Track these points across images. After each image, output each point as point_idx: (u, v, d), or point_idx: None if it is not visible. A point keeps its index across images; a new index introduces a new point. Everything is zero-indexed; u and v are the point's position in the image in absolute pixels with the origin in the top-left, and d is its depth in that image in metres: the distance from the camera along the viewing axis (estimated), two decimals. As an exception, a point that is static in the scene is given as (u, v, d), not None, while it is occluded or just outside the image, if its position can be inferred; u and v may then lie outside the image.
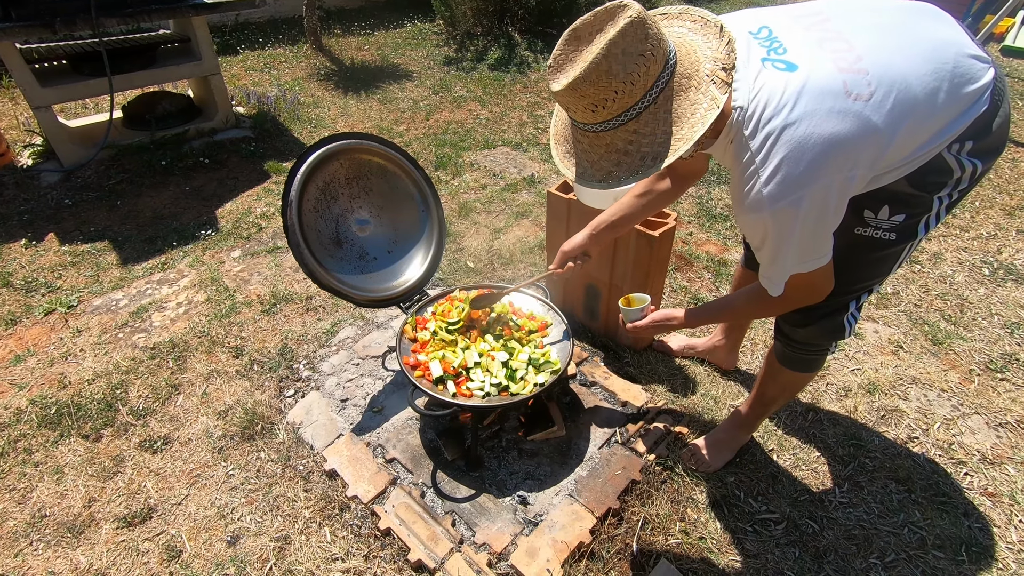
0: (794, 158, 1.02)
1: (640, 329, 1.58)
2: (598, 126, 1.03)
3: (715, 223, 3.11)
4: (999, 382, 2.14)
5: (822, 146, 1.01)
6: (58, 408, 2.03)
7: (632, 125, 1.01)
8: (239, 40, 6.03)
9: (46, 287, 2.64)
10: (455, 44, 6.04)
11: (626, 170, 1.05)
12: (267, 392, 2.11)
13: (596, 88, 0.96)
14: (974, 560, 1.59)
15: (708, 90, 0.99)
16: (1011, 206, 3.26)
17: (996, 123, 1.14)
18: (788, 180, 1.03)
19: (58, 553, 1.62)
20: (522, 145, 4.04)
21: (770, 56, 1.08)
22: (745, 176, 1.08)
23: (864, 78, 1.02)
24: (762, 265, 1.24)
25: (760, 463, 1.85)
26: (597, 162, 1.08)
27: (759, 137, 1.04)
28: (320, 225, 1.92)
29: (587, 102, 0.99)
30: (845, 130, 1.01)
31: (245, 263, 2.82)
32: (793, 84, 1.03)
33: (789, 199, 1.04)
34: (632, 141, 1.03)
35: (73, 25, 3.12)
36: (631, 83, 0.96)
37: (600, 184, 1.08)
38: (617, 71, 0.95)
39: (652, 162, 1.02)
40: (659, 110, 1.00)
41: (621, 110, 0.99)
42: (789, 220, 1.07)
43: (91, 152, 3.50)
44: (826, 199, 1.06)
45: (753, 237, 1.20)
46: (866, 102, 1.01)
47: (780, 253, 1.15)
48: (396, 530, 1.62)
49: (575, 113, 1.04)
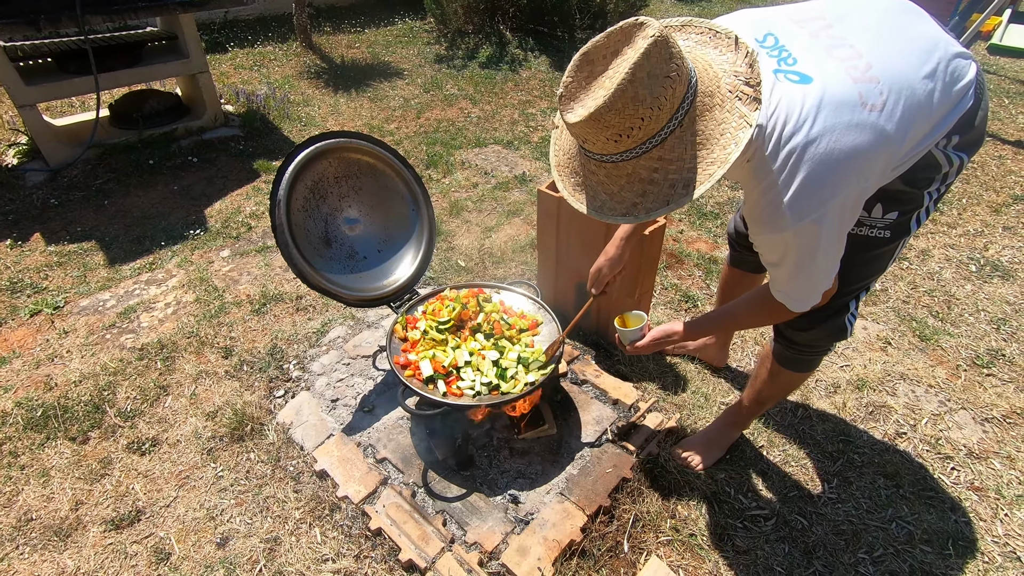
0: (817, 175, 1.00)
1: (641, 350, 1.55)
2: (619, 156, 0.96)
3: (706, 221, 3.12)
4: (985, 377, 2.17)
5: (844, 161, 0.99)
6: (44, 410, 2.00)
7: (656, 152, 0.95)
8: (228, 38, 5.98)
9: (32, 288, 2.61)
10: (446, 42, 6.01)
11: (654, 200, 0.98)
12: (257, 392, 2.10)
13: (621, 117, 0.90)
14: (960, 554, 1.61)
15: (734, 107, 0.95)
16: (997, 203, 3.29)
17: (979, 117, 1.16)
18: (812, 198, 1.01)
19: (44, 556, 1.61)
20: (513, 143, 4.04)
21: (781, 68, 1.05)
22: (768, 196, 1.05)
23: (876, 87, 1.01)
24: (777, 281, 1.22)
25: (750, 460, 1.86)
26: (617, 194, 1.02)
27: (781, 156, 1.01)
28: (309, 224, 1.91)
29: (610, 132, 0.92)
30: (864, 142, 0.99)
31: (234, 263, 2.80)
32: (811, 98, 1.00)
33: (812, 216, 1.02)
34: (658, 169, 0.97)
35: (58, 22, 3.08)
36: (658, 108, 0.90)
37: (624, 218, 1.02)
38: (644, 96, 0.88)
39: (684, 190, 0.96)
40: (685, 133, 0.95)
41: (646, 137, 0.93)
42: (813, 237, 1.06)
43: (77, 151, 3.46)
44: (843, 211, 1.05)
45: (771, 255, 1.17)
46: (880, 112, 1.00)
47: (804, 270, 1.13)
48: (387, 530, 1.62)
49: (593, 144, 0.97)
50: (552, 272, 2.33)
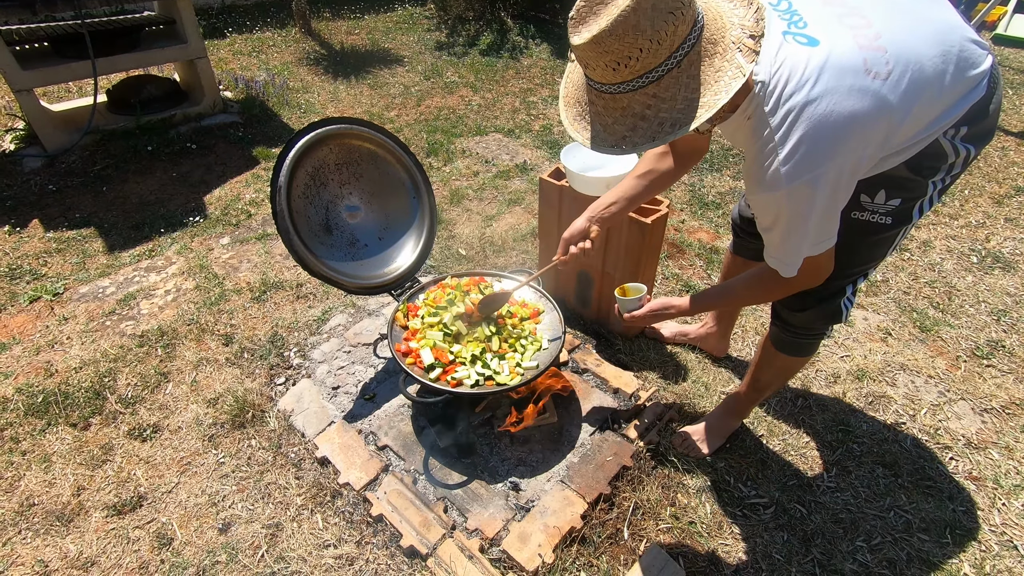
0: (814, 136, 1.01)
1: (638, 319, 1.57)
2: (616, 87, 0.98)
3: (707, 211, 3.11)
4: (985, 368, 2.17)
5: (842, 124, 1.00)
6: (45, 396, 2.00)
7: (652, 88, 0.97)
8: (226, 23, 5.91)
9: (31, 274, 2.60)
10: (447, 29, 5.96)
11: (642, 135, 1.01)
12: (258, 380, 2.10)
13: (621, 43, 0.92)
14: (958, 543, 1.62)
15: (733, 57, 0.96)
16: (999, 194, 3.28)
17: (991, 109, 1.16)
18: (807, 158, 1.03)
19: (47, 542, 1.61)
20: (514, 132, 4.01)
21: (791, 30, 1.06)
22: (764, 153, 1.07)
23: (883, 56, 1.02)
24: (771, 246, 1.23)
25: (750, 449, 1.86)
26: (611, 126, 1.04)
27: (780, 113, 1.03)
28: (310, 211, 1.90)
29: (609, 58, 0.94)
30: (864, 108, 1.00)
31: (234, 250, 2.79)
32: (815, 60, 1.01)
33: (806, 177, 1.04)
34: (651, 105, 0.99)
35: (54, 6, 3.04)
36: (657, 42, 0.91)
37: (612, 149, 1.04)
38: (645, 27, 0.90)
39: (671, 128, 0.98)
40: (682, 74, 0.96)
41: (644, 70, 0.95)
42: (805, 199, 1.07)
43: (75, 137, 3.43)
44: (839, 178, 1.06)
45: (765, 216, 1.19)
46: (884, 80, 1.01)
47: (794, 233, 1.15)
48: (388, 516, 1.62)
49: (594, 71, 0.99)
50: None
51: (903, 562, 1.58)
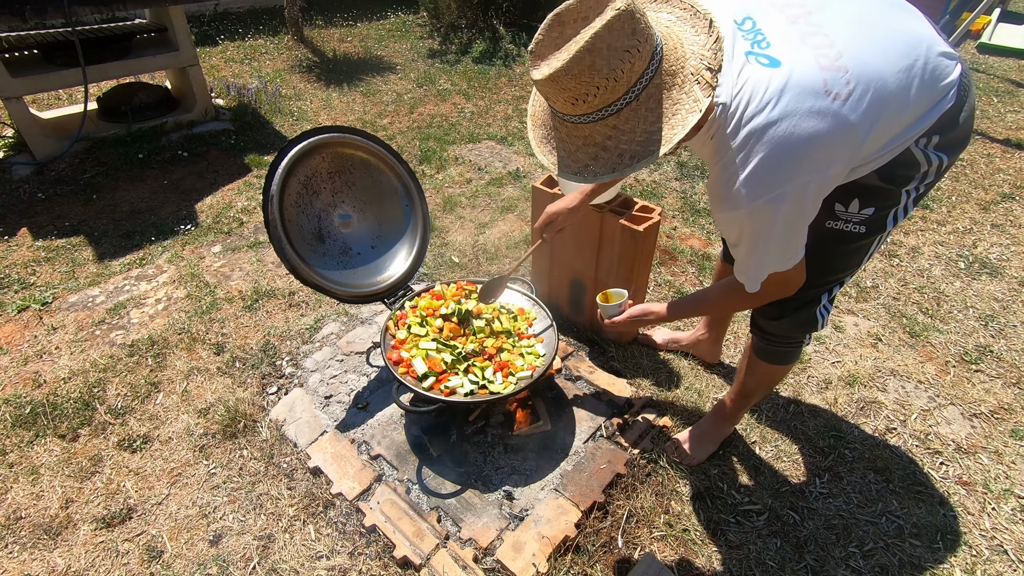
0: (774, 157, 1.02)
1: (618, 324, 1.59)
2: (577, 118, 1.00)
3: (699, 217, 3.13)
4: (974, 373, 2.19)
5: (801, 145, 1.01)
6: (33, 407, 1.98)
7: (612, 120, 0.99)
8: (218, 30, 5.91)
9: (19, 283, 2.58)
10: (439, 36, 5.98)
11: (603, 165, 1.02)
12: (249, 389, 2.08)
13: (577, 83, 0.93)
14: (949, 547, 1.63)
15: (691, 90, 0.97)
16: (986, 201, 3.33)
17: (962, 117, 1.16)
18: (767, 178, 1.04)
19: (34, 555, 1.59)
20: (507, 139, 4.02)
21: (754, 50, 1.07)
22: (726, 173, 1.08)
23: (843, 76, 1.02)
24: (738, 261, 1.25)
25: (743, 455, 1.87)
26: (574, 153, 1.06)
27: (741, 135, 1.04)
28: (302, 220, 1.89)
29: (567, 95, 0.96)
30: (824, 129, 1.01)
31: (226, 258, 2.77)
32: (776, 81, 1.02)
33: (767, 197, 1.05)
34: (611, 136, 1.01)
35: (44, 13, 3.03)
36: (614, 79, 0.93)
37: (576, 177, 1.06)
38: (600, 67, 0.91)
39: (630, 160, 1.00)
40: (640, 107, 0.98)
41: (602, 105, 0.96)
42: (767, 218, 1.08)
43: (65, 145, 3.41)
44: (803, 197, 1.07)
45: (730, 234, 1.20)
46: (844, 101, 1.02)
47: (757, 250, 1.16)
48: (381, 527, 1.61)
49: (555, 103, 1.01)
50: (546, 268, 2.33)
51: (895, 568, 1.58)
